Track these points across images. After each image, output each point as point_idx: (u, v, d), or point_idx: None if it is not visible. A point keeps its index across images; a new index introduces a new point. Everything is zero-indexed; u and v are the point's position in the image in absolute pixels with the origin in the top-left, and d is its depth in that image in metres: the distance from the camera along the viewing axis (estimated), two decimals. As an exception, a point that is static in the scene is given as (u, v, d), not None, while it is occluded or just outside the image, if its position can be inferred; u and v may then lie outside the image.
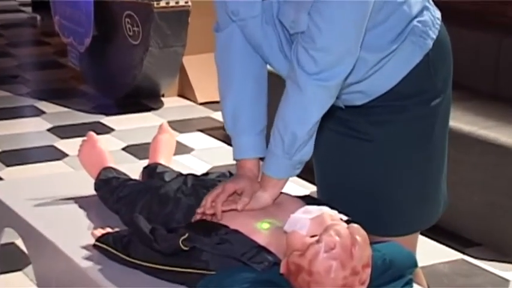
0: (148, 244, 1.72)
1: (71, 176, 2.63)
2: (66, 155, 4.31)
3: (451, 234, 3.31)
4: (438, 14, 1.86)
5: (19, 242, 3.06)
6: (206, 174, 2.07)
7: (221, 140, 4.52)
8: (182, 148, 4.35)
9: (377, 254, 1.62)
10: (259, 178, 1.81)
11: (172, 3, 4.91)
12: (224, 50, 1.85)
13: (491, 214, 3.24)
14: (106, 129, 4.77)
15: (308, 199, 1.83)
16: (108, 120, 4.95)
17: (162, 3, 4.88)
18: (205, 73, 5.11)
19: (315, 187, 2.06)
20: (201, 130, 4.78)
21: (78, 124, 4.84)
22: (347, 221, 1.58)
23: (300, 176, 1.80)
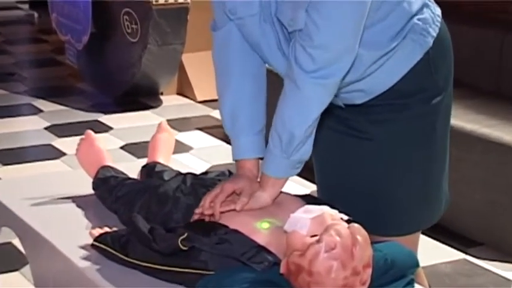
0: (146, 244, 1.71)
1: (69, 175, 2.63)
2: (63, 154, 4.30)
3: (453, 233, 3.30)
4: (438, 11, 1.85)
5: (16, 242, 3.06)
6: (205, 173, 2.07)
7: (220, 139, 4.51)
8: (181, 147, 4.34)
9: (378, 254, 1.61)
10: (258, 178, 1.81)
11: (171, 0, 4.90)
12: (221, 49, 1.84)
13: (492, 213, 3.23)
14: (104, 127, 4.76)
15: (308, 198, 1.82)
16: (106, 118, 4.94)
17: (161, 0, 4.86)
18: (204, 71, 5.10)
19: (316, 186, 2.06)
20: (200, 128, 4.78)
21: (75, 122, 4.83)
22: (348, 221, 1.57)
23: (300, 175, 1.79)
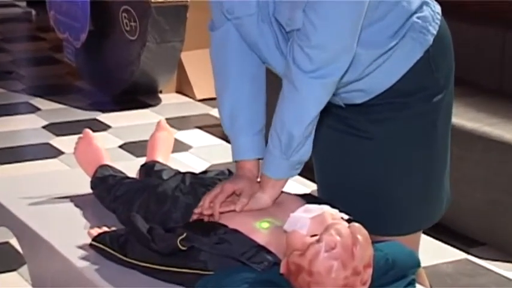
0: (145, 244, 1.71)
1: (67, 174, 2.62)
2: (61, 153, 4.29)
3: (455, 233, 3.30)
4: (438, 9, 1.84)
5: (14, 242, 3.06)
6: (205, 172, 2.07)
7: (220, 138, 4.50)
8: (180, 145, 4.33)
9: (379, 254, 1.61)
10: (258, 178, 1.80)
11: (170, -3, 4.90)
12: (219, 49, 1.84)
13: (494, 212, 3.22)
14: (102, 126, 4.75)
15: (309, 198, 1.82)
16: (104, 117, 4.93)
17: (160, -3, 4.86)
18: (203, 69, 5.08)
19: (316, 185, 2.05)
20: (200, 127, 4.77)
21: (74, 121, 4.82)
22: (348, 220, 1.57)
23: (301, 174, 1.79)
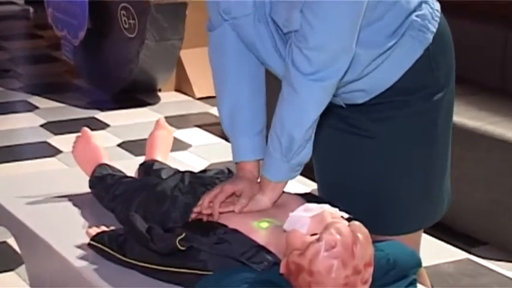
0: (144, 244, 1.71)
1: (65, 173, 2.61)
2: (60, 152, 4.28)
3: (456, 233, 3.28)
4: (437, 6, 1.83)
5: (11, 241, 3.05)
6: (204, 171, 2.06)
7: (219, 136, 4.49)
8: (179, 144, 4.33)
9: (380, 254, 1.61)
10: (258, 179, 1.80)
11: (169, -5, 4.88)
12: (217, 50, 1.83)
13: (496, 211, 3.21)
14: (101, 125, 4.75)
15: (309, 197, 1.82)
16: (103, 115, 4.92)
17: (159, -5, 4.85)
18: (203, 67, 5.05)
19: (316, 185, 2.04)
20: (199, 126, 4.76)
21: (72, 120, 4.81)
22: (348, 219, 1.56)
23: (301, 174, 1.80)
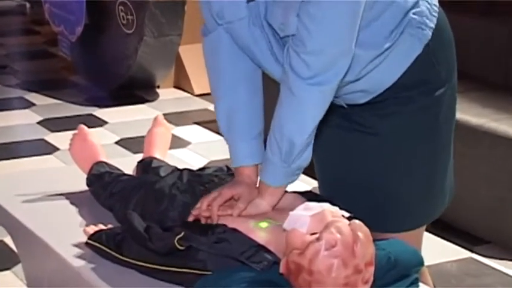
0: (142, 243, 1.70)
1: (62, 171, 2.61)
2: (57, 149, 4.27)
3: (459, 231, 3.27)
4: (435, 1, 1.82)
5: (8, 240, 3.04)
6: (203, 169, 2.05)
7: (218, 133, 4.46)
8: (178, 142, 4.32)
9: (381, 253, 1.60)
10: (257, 184, 1.80)
11: (167, -10, 4.86)
12: (213, 54, 1.83)
13: (499, 209, 3.20)
14: (99, 121, 4.74)
15: (309, 195, 1.81)
16: (101, 112, 4.91)
17: (157, -10, 4.83)
18: (202, 63, 4.98)
19: (317, 182, 2.03)
20: (198, 123, 4.75)
21: (69, 117, 4.80)
22: (349, 218, 1.55)
23: (302, 172, 1.76)
